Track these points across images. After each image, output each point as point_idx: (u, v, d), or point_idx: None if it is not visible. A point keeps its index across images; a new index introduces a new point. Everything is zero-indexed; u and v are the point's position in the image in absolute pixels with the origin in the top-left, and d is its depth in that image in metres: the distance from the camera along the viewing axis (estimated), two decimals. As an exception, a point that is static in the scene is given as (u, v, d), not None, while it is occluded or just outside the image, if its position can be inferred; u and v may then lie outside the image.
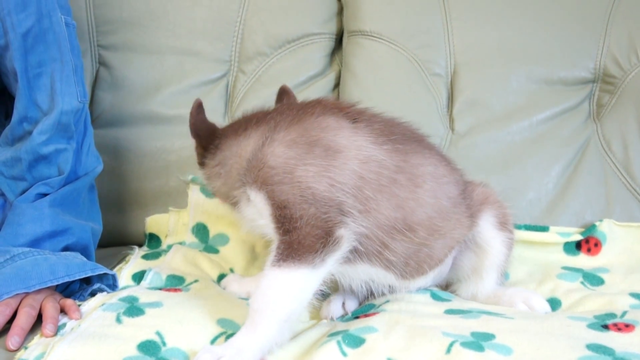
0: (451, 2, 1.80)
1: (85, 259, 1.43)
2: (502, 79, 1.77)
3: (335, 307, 1.38)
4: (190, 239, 1.66)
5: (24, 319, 1.25)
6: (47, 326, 1.23)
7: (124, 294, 1.34)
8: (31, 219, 1.42)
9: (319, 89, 1.84)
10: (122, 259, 1.59)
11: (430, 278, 1.39)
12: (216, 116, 1.79)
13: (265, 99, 1.79)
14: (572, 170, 1.71)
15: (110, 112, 1.80)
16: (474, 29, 1.80)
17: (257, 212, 1.24)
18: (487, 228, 1.39)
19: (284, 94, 1.52)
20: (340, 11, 1.89)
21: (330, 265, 1.18)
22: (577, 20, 1.79)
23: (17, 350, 1.19)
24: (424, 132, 1.73)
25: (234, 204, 1.33)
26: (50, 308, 1.28)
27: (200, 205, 1.67)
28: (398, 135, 1.30)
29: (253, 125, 1.31)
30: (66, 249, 1.45)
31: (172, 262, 1.52)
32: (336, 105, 1.32)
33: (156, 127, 1.79)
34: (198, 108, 1.39)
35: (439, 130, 1.76)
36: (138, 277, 1.47)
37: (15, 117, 1.48)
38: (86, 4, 1.82)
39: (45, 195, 1.46)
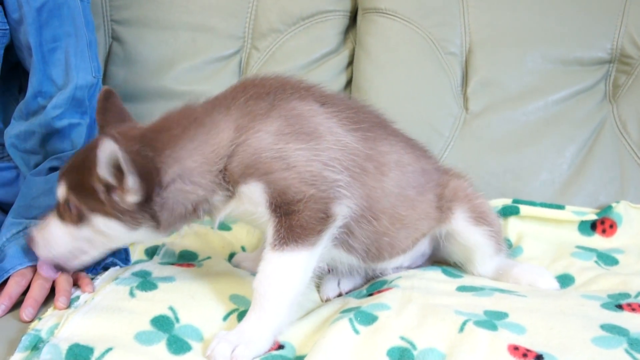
0: (467, -19, 1.79)
1: None
2: (518, 58, 1.75)
3: (330, 287, 1.39)
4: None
5: (37, 291, 1.26)
6: (60, 299, 1.24)
7: (136, 268, 1.34)
8: (43, 192, 1.43)
9: (332, 67, 1.83)
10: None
11: (392, 264, 1.39)
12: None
13: (279, 75, 1.79)
14: (586, 151, 1.70)
15: (123, 87, 1.79)
16: (489, 8, 1.78)
17: (248, 205, 1.21)
18: (462, 226, 1.38)
19: (110, 96, 1.33)
20: (355, -12, 1.88)
21: (325, 242, 1.20)
22: (594, 0, 1.77)
23: (31, 321, 1.20)
24: (436, 111, 1.74)
25: (207, 213, 1.25)
26: (63, 281, 1.29)
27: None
28: (366, 122, 1.30)
29: (212, 120, 1.22)
30: None
31: (185, 239, 1.52)
32: (304, 88, 1.29)
33: (169, 102, 1.75)
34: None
35: (452, 110, 1.75)
36: (151, 252, 1.47)
37: (29, 91, 1.49)
38: (100, -22, 1.81)
39: (57, 168, 1.46)
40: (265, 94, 1.25)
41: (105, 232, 1.19)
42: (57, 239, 1.21)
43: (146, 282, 1.26)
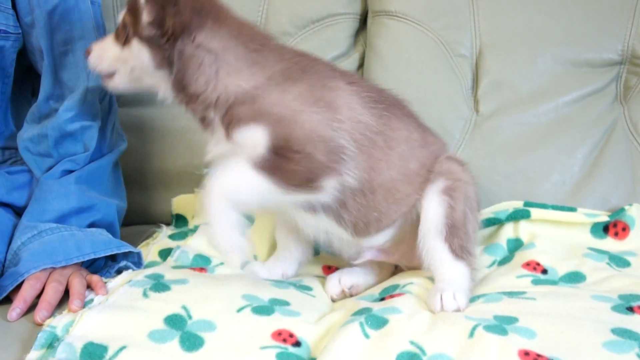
0: (477, -17, 1.79)
1: (111, 236, 1.45)
2: (528, 60, 1.75)
3: (331, 284, 1.41)
4: None
5: (51, 294, 1.28)
6: (74, 301, 1.25)
7: (149, 271, 1.36)
8: (57, 195, 1.44)
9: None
10: (149, 235, 1.61)
11: (379, 239, 1.40)
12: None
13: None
14: (598, 153, 1.70)
15: (133, 92, 1.80)
16: (500, 10, 1.78)
17: (247, 145, 1.26)
18: (430, 191, 1.35)
19: None
20: (365, -9, 1.88)
21: (298, 199, 1.29)
22: (605, 1, 1.77)
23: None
24: (447, 113, 1.74)
25: (203, 122, 1.33)
26: (77, 284, 1.30)
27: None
28: (385, 102, 1.37)
29: (262, 56, 1.30)
30: (92, 225, 1.47)
31: (198, 244, 1.53)
32: (334, 67, 1.39)
33: (177, 106, 1.79)
34: None
35: (463, 112, 1.75)
36: (165, 254, 1.49)
37: (41, 94, 1.50)
38: (112, -17, 1.82)
39: (70, 171, 1.48)
40: (303, 64, 1.32)
41: (137, 58, 1.29)
42: (106, 53, 1.33)
43: (159, 284, 1.27)
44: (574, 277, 1.40)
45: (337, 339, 1.12)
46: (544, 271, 1.42)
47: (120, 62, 1.32)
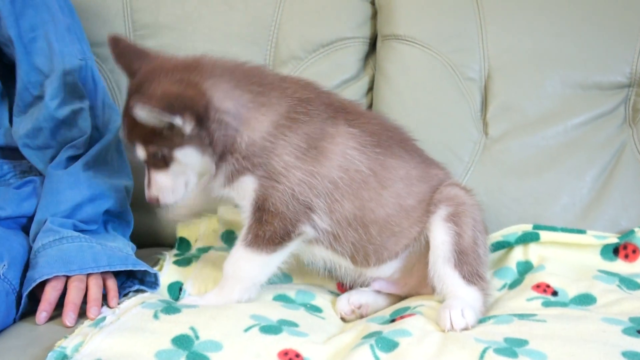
0: (485, 7, 1.80)
1: (132, 252, 1.47)
2: (537, 83, 1.76)
3: (341, 304, 1.43)
4: (220, 244, 1.67)
5: (74, 294, 1.32)
6: (92, 309, 1.29)
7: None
8: (68, 185, 1.46)
9: (353, 93, 1.84)
10: (155, 262, 1.61)
11: (384, 271, 1.44)
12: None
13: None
14: (607, 176, 1.70)
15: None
16: (508, 33, 1.79)
17: (239, 193, 1.35)
18: (435, 221, 1.38)
19: (118, 41, 1.40)
20: (374, 15, 1.89)
21: (290, 250, 1.36)
22: (613, 24, 1.78)
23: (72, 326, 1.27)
24: (456, 136, 1.74)
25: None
26: (94, 286, 1.33)
27: (229, 215, 1.68)
28: (385, 142, 1.41)
29: (266, 96, 1.34)
30: (107, 212, 1.50)
31: (204, 272, 1.53)
32: (342, 106, 1.41)
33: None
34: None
35: (472, 135, 1.76)
36: (174, 288, 1.48)
37: (19, 84, 1.52)
38: (124, 8, 1.85)
39: (74, 157, 1.50)
40: (306, 102, 1.36)
41: (187, 162, 1.31)
42: (165, 185, 1.33)
43: (171, 307, 1.28)
44: (585, 300, 1.40)
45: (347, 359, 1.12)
46: (554, 293, 1.42)
47: (176, 180, 1.33)
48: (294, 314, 1.32)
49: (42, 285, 1.34)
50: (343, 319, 1.42)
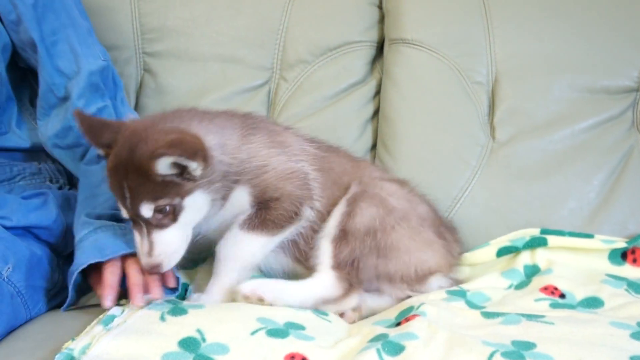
0: (493, 11, 1.80)
1: None
2: (544, 87, 1.76)
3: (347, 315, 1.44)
4: None
5: (110, 277, 1.33)
6: (136, 296, 1.30)
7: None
8: (103, 178, 1.45)
9: (360, 97, 1.85)
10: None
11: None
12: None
13: (307, 106, 1.82)
14: (614, 180, 1.70)
15: (154, 118, 1.83)
16: (515, 38, 1.79)
17: (236, 208, 1.40)
18: (340, 201, 1.46)
19: (83, 116, 1.40)
20: (382, 19, 1.90)
21: (287, 234, 1.44)
22: (620, 28, 1.78)
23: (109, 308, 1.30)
24: (463, 140, 1.74)
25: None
26: (133, 271, 1.34)
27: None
28: (318, 142, 1.55)
29: (226, 124, 1.43)
30: None
31: (209, 275, 1.52)
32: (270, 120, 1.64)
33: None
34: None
35: (479, 139, 1.75)
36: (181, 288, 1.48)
37: (42, 86, 1.56)
38: (132, 12, 1.86)
39: None
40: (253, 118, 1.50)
41: (197, 207, 1.33)
42: (172, 243, 1.32)
43: (177, 309, 1.28)
44: (592, 303, 1.39)
45: (354, 364, 1.12)
46: (562, 295, 1.42)
47: (182, 234, 1.34)
48: (301, 317, 1.32)
49: (90, 274, 1.37)
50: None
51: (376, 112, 1.86)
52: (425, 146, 1.75)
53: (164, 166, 1.25)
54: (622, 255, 1.55)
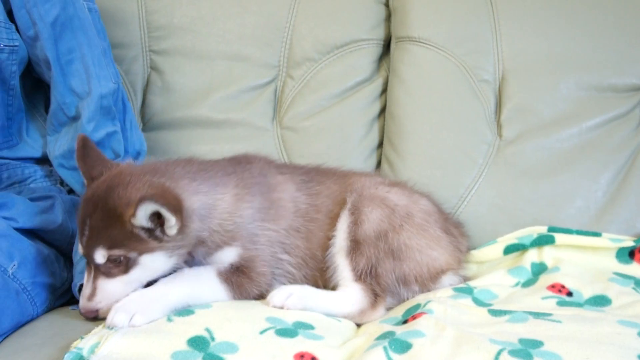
0: (500, 9, 1.80)
1: None
2: (551, 85, 1.76)
3: None
4: None
5: None
6: None
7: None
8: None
9: (366, 95, 1.85)
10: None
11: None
12: (264, 120, 1.82)
13: (313, 104, 1.82)
14: (622, 178, 1.69)
15: (161, 116, 1.84)
16: (523, 36, 1.79)
17: (217, 259, 1.37)
18: (342, 213, 1.44)
19: (86, 143, 1.40)
20: (388, 17, 1.90)
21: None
22: (628, 27, 1.77)
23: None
24: (470, 138, 1.74)
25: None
26: None
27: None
28: (307, 171, 1.54)
29: (219, 181, 1.39)
30: None
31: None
32: (269, 161, 1.53)
33: (205, 130, 1.82)
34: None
35: (486, 137, 1.75)
36: None
37: (53, 104, 1.56)
38: (139, 10, 1.86)
39: None
40: (250, 170, 1.45)
41: (152, 267, 1.29)
42: (115, 294, 1.28)
43: (183, 310, 1.28)
44: (600, 301, 1.39)
45: (360, 362, 1.12)
46: (569, 294, 1.41)
47: (127, 288, 1.29)
48: (310, 317, 1.32)
49: None
50: None
51: (383, 110, 1.86)
52: (432, 144, 1.75)
53: (143, 214, 1.23)
54: (630, 254, 1.55)
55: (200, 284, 1.34)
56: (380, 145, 1.84)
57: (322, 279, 1.43)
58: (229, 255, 1.37)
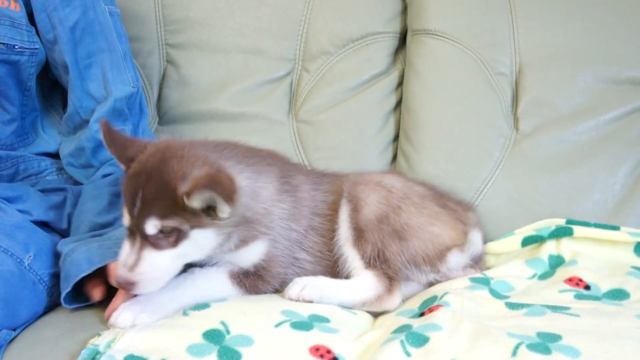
0: (517, 2, 1.79)
1: None
2: (569, 78, 1.75)
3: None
4: None
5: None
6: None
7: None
8: (91, 197, 1.49)
9: (382, 88, 1.85)
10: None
11: None
12: (280, 114, 1.82)
13: (329, 97, 1.82)
14: (640, 172, 1.68)
15: (177, 109, 1.84)
16: (540, 28, 1.78)
17: (241, 257, 1.35)
18: (342, 203, 1.44)
19: (109, 128, 1.34)
20: (404, 10, 1.89)
21: None
22: (646, 19, 1.76)
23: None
24: (487, 131, 1.73)
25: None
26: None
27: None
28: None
29: (262, 169, 1.38)
30: None
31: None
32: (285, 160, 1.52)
33: (221, 124, 1.82)
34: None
35: (503, 130, 1.74)
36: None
37: (70, 107, 1.57)
38: (155, 3, 1.87)
39: (111, 174, 1.53)
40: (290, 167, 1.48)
41: (201, 243, 1.26)
42: (160, 267, 1.24)
43: (198, 304, 1.29)
44: (618, 294, 1.38)
45: (377, 357, 1.12)
46: (587, 287, 1.41)
47: (173, 264, 1.26)
48: (325, 309, 1.32)
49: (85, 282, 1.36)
50: None
51: (399, 104, 1.85)
52: (448, 137, 1.75)
53: (198, 200, 1.20)
54: (648, 248, 1.54)
55: (211, 286, 1.33)
56: (396, 138, 1.84)
57: (333, 272, 1.43)
58: (253, 253, 1.35)
